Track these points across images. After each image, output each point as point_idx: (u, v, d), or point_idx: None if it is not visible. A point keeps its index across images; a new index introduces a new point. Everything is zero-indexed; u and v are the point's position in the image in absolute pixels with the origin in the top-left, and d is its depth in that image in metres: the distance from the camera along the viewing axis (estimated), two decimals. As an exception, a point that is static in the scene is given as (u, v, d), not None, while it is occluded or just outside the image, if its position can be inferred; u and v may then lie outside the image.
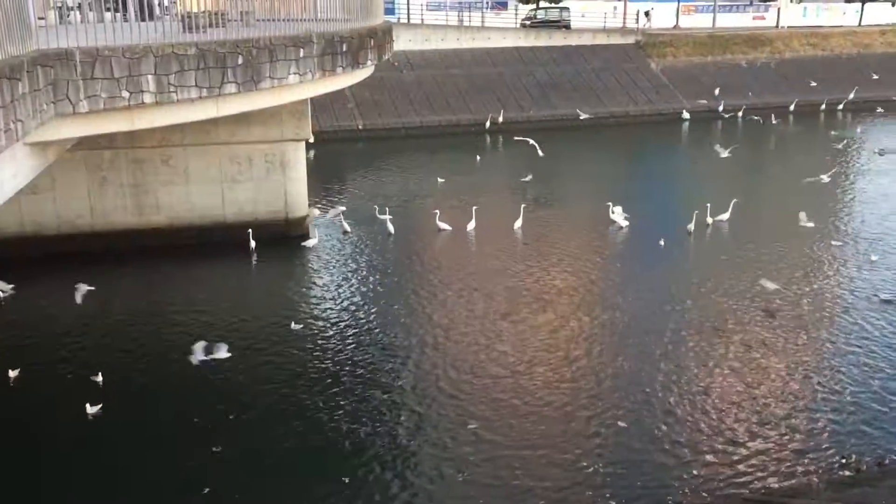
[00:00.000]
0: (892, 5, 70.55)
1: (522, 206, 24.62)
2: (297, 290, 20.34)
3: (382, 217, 24.21)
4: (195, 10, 16.51)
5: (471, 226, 24.04)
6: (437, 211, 24.39)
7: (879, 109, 44.32)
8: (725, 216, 24.34)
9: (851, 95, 46.69)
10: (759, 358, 15.68)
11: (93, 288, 17.02)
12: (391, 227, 23.89)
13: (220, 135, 22.01)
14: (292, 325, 17.21)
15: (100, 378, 14.56)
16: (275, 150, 22.90)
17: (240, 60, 15.10)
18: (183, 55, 14.04)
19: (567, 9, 54.34)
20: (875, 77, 49.98)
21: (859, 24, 62.87)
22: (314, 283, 20.83)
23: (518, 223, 24.11)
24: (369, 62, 20.68)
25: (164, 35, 14.88)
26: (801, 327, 17.13)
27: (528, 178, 27.94)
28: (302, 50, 16.76)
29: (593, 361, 15.67)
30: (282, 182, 23.18)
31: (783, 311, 17.89)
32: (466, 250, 22.97)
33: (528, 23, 53.01)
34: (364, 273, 21.05)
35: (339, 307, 18.76)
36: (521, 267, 21.03)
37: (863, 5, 64.80)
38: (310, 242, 22.77)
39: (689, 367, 15.32)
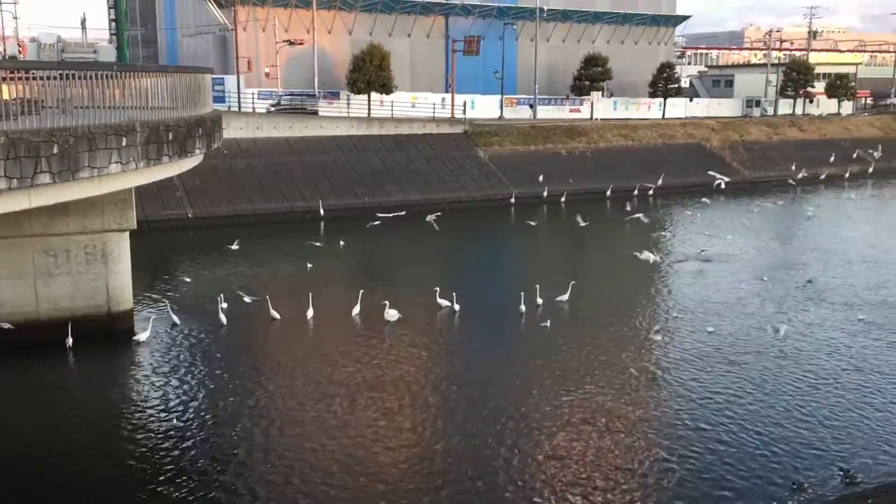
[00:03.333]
0: (690, 100, 78.29)
1: (360, 291, 24.58)
2: (118, 389, 19.02)
3: (214, 307, 23.37)
4: (6, 96, 15.61)
5: (309, 313, 23.70)
6: (269, 298, 23.87)
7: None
8: (564, 297, 25.32)
9: (660, 181, 50.75)
10: (592, 429, 16.24)
11: None
12: (223, 318, 23.10)
13: (33, 226, 20.62)
14: (113, 427, 16.05)
15: None
16: (95, 242, 21.70)
17: (55, 149, 14.35)
18: (-10, 144, 13.17)
19: (314, 95, 55.54)
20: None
21: (663, 117, 69.14)
22: (138, 381, 19.57)
23: (356, 309, 24.02)
24: (198, 150, 20.28)
25: (-31, 123, 13.93)
26: (637, 396, 17.96)
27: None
28: (124, 138, 16.18)
29: (424, 445, 15.64)
30: (104, 275, 21.91)
31: (621, 382, 18.71)
32: (302, 339, 22.51)
33: (272, 109, 53.32)
34: (193, 368, 20.08)
35: (163, 407, 17.69)
36: (356, 354, 20.82)
37: (664, 100, 71.42)
38: (141, 336, 21.59)
39: (521, 445, 15.58)
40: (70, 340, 20.58)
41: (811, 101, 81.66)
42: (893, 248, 33.79)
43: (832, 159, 60.71)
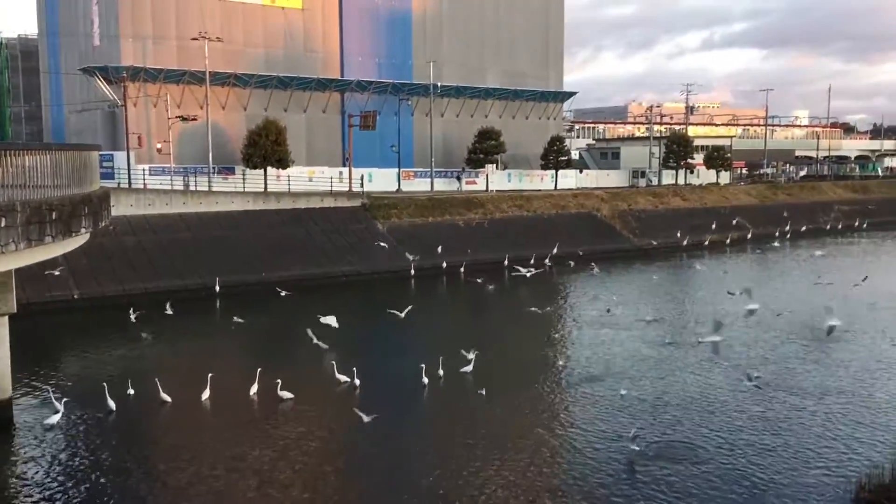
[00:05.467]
0: (580, 171, 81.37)
1: (258, 370, 23.91)
2: (-4, 486, 17.71)
3: (102, 392, 22.20)
4: None
5: (205, 394, 22.85)
6: (158, 381, 22.90)
7: (570, 263, 49.27)
8: (469, 368, 25.22)
9: (555, 250, 52.03)
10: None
11: None
12: (112, 403, 21.97)
13: None
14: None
15: None
16: (-29, 328, 20.45)
17: (-74, 231, 13.56)
18: None
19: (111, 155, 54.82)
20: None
21: (555, 188, 71.45)
22: (14, 473, 18.24)
23: (254, 388, 23.32)
24: (84, 229, 19.54)
25: None
26: (551, 465, 17.97)
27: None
28: (3, 219, 15.46)
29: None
30: (-21, 363, 20.59)
31: (533, 452, 18.69)
32: (195, 422, 21.62)
33: None
34: (75, 458, 18.91)
35: (41, 498, 16.52)
36: (250, 436, 20.14)
37: (556, 172, 73.95)
38: (52, 419, 20.44)
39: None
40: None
41: (692, 172, 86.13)
42: (777, 309, 35.51)
43: (714, 226, 63.93)
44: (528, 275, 42.31)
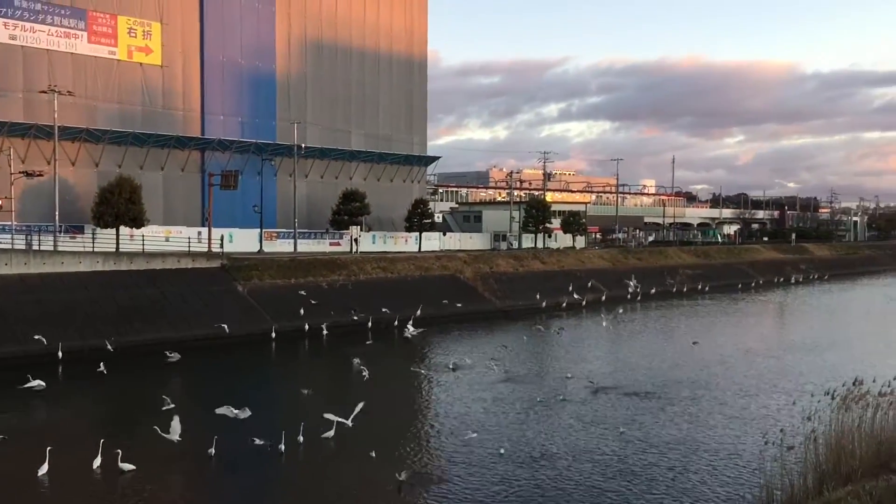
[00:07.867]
0: (444, 234, 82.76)
1: (101, 440, 22.31)
2: None
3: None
4: None
5: (43, 469, 21.06)
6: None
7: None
8: (331, 433, 24.48)
9: (419, 312, 52.22)
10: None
11: None
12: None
13: None
14: None
15: None
16: None
17: None
18: None
19: None
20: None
21: (419, 251, 72.15)
22: None
23: (98, 461, 21.72)
24: None
25: None
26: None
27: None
28: None
29: None
30: None
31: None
32: (32, 501, 19.86)
33: None
34: None
35: None
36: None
37: (420, 235, 74.82)
38: None
39: None
40: None
41: (550, 236, 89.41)
42: (636, 367, 36.95)
43: (571, 289, 66.21)
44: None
